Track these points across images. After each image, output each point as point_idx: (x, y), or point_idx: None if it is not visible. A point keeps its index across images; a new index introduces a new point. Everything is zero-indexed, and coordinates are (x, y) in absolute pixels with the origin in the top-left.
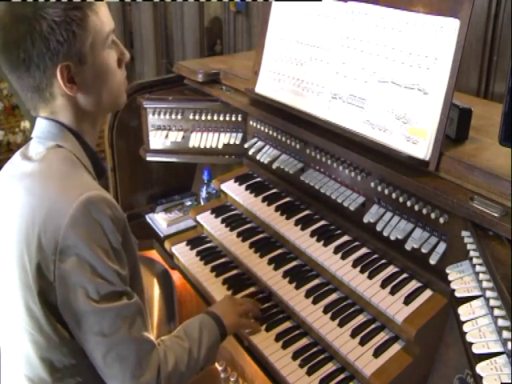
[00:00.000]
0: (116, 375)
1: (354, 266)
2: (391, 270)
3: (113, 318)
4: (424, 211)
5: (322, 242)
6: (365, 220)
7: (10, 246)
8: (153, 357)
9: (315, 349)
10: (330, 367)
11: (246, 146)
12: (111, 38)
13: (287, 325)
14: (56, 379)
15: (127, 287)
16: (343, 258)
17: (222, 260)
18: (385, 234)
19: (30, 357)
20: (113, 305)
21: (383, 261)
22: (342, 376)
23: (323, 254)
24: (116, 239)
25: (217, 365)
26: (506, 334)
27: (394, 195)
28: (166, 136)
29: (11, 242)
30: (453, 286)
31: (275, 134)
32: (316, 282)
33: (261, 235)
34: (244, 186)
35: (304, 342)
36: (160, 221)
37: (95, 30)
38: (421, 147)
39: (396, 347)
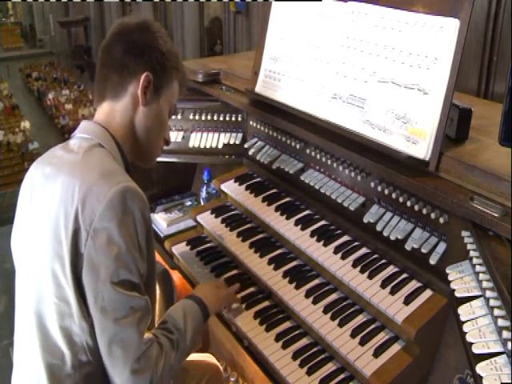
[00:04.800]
0: (117, 364)
1: (354, 266)
2: (391, 269)
3: (124, 304)
4: (424, 211)
5: (321, 242)
6: (365, 220)
7: (44, 221)
8: (151, 354)
9: (315, 349)
10: (330, 367)
11: (246, 146)
12: (174, 110)
13: (287, 325)
14: (72, 352)
15: (141, 283)
16: (343, 258)
17: (222, 260)
18: (385, 234)
19: (50, 326)
20: (126, 292)
21: (383, 261)
22: (342, 376)
23: (323, 254)
24: (142, 232)
25: (218, 364)
26: (505, 334)
27: (394, 195)
28: None
29: (47, 217)
30: (453, 285)
31: (275, 134)
32: (316, 281)
33: (261, 235)
34: (244, 186)
35: (304, 341)
36: (160, 221)
37: (174, 86)
38: (421, 147)
39: (396, 347)
